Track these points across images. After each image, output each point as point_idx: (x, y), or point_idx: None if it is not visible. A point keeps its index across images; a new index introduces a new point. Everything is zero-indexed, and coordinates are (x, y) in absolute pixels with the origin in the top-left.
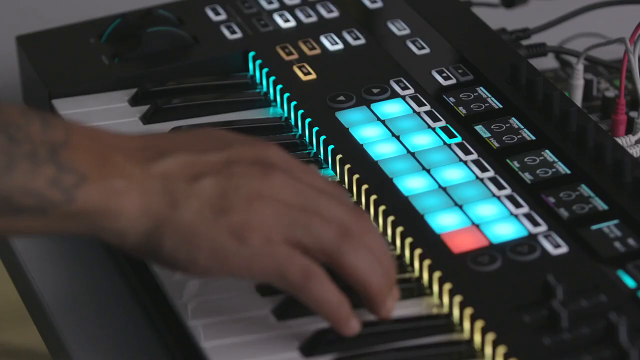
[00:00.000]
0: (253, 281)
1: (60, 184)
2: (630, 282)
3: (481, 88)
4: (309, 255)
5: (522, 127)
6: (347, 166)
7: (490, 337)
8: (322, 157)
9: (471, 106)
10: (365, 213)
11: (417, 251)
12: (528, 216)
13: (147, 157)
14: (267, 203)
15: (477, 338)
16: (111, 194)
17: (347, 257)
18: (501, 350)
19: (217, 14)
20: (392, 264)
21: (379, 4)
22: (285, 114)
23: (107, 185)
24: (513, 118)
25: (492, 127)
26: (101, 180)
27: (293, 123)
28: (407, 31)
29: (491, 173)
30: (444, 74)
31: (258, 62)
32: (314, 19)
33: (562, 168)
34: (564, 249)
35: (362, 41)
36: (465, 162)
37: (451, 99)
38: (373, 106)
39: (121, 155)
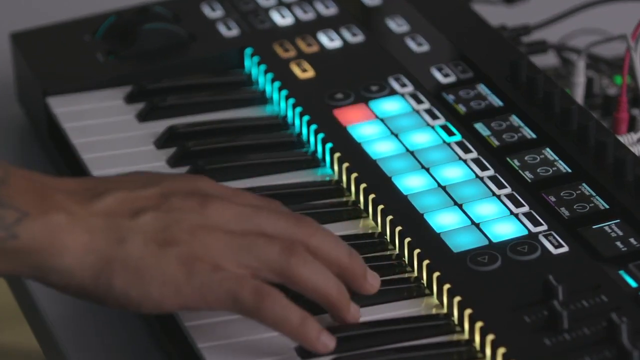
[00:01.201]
0: (211, 311)
1: (1, 221)
2: (631, 282)
3: (481, 86)
4: (260, 277)
5: (522, 125)
6: (346, 165)
7: (490, 337)
8: (320, 156)
9: (471, 104)
10: (307, 217)
11: (416, 251)
12: (528, 215)
13: (87, 197)
14: (210, 232)
15: (477, 339)
16: (54, 230)
17: (296, 271)
18: (501, 351)
19: (214, 10)
20: (347, 253)
21: (377, 1)
22: (283, 112)
23: (50, 221)
24: (513, 116)
25: (492, 125)
26: (43, 215)
27: (290, 121)
28: (406, 28)
29: (491, 172)
30: (444, 72)
31: (255, 59)
32: (311, 15)
33: (563, 167)
34: (564, 249)
35: (360, 38)
36: (465, 161)
37: (450, 96)
38: (371, 104)
39: (61, 194)
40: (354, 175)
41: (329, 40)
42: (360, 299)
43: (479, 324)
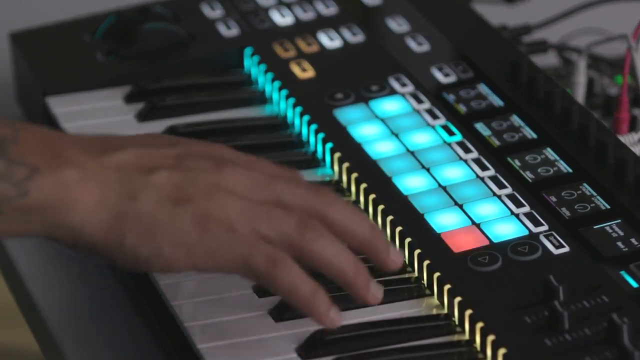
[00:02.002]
0: (221, 272)
1: (11, 178)
2: (632, 282)
3: (481, 85)
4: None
5: (523, 125)
6: (346, 165)
7: (491, 338)
8: (320, 156)
9: (471, 104)
10: (326, 188)
11: (417, 251)
12: (529, 215)
13: (100, 150)
14: (226, 195)
15: (478, 339)
16: (65, 185)
17: (311, 246)
18: (502, 351)
19: (214, 10)
20: (369, 227)
21: (377, 1)
22: (283, 112)
23: (61, 176)
24: (514, 116)
25: (492, 125)
26: (54, 171)
27: (290, 121)
28: (406, 28)
29: (492, 172)
30: (444, 71)
31: (255, 59)
32: (311, 15)
33: (564, 167)
34: (565, 249)
35: (360, 38)
36: (465, 161)
37: (451, 96)
38: (371, 103)
39: (73, 148)
40: (354, 175)
41: (329, 40)
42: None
43: (479, 325)
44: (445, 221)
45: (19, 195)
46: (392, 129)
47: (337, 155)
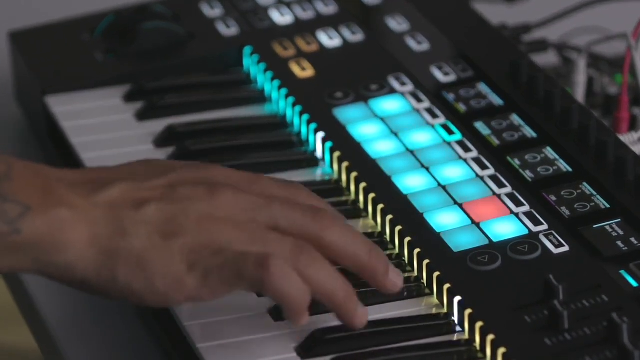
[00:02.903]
0: (219, 298)
1: (4, 216)
2: (632, 282)
3: (481, 84)
4: None
5: (523, 124)
6: (345, 164)
7: (490, 337)
8: (319, 155)
9: (471, 103)
10: (324, 210)
11: (416, 250)
12: (529, 215)
13: (90, 189)
14: (217, 223)
15: (477, 338)
16: (57, 224)
17: (305, 270)
18: (501, 351)
19: (213, 9)
20: (367, 250)
21: (377, 0)
22: (282, 111)
23: (53, 216)
24: (514, 115)
25: (492, 124)
26: (46, 210)
27: (290, 120)
28: (406, 27)
29: (491, 171)
30: (444, 70)
31: (254, 58)
32: (311, 14)
33: (564, 166)
34: (565, 248)
35: (360, 37)
36: (465, 160)
37: (451, 95)
38: (371, 103)
39: (64, 187)
40: (353, 174)
41: (329, 39)
42: (360, 298)
43: (479, 324)
44: (444, 220)
45: (11, 232)
46: (392, 128)
47: (336, 154)
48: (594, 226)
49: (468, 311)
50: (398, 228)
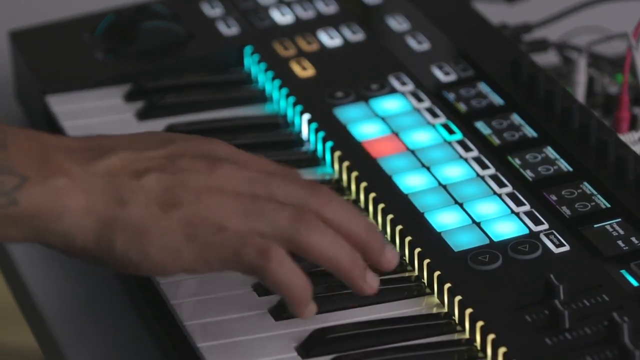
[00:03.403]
0: (214, 272)
1: (1, 187)
2: (633, 281)
3: (482, 84)
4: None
5: (523, 123)
6: (346, 163)
7: (491, 337)
8: (320, 154)
9: (471, 102)
10: (323, 186)
11: (417, 250)
12: (529, 214)
13: (89, 157)
14: (216, 194)
15: (478, 338)
16: (54, 194)
17: (306, 238)
18: (502, 350)
19: (213, 9)
20: (364, 227)
21: None
22: (283, 111)
23: (50, 185)
24: (514, 114)
25: (493, 123)
26: (43, 180)
27: (290, 120)
28: (406, 26)
29: (492, 170)
30: (444, 70)
31: (255, 57)
32: (311, 14)
33: (564, 165)
34: (566, 248)
35: (360, 36)
36: (465, 160)
37: (451, 95)
38: (372, 102)
39: (62, 155)
40: (354, 174)
41: (329, 39)
42: (361, 298)
43: (479, 324)
44: (445, 220)
45: (8, 204)
46: (393, 128)
47: (337, 154)
48: (595, 226)
49: (469, 310)
50: (399, 227)
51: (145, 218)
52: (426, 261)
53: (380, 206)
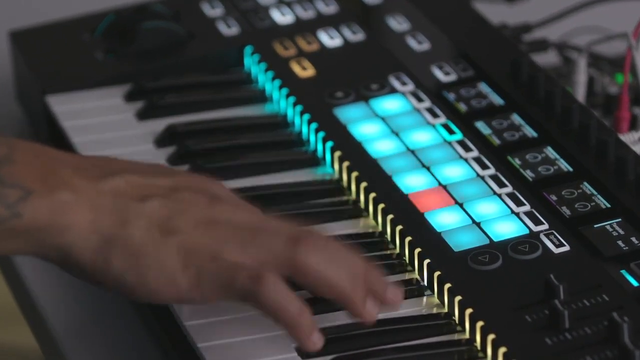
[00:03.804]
0: (207, 303)
1: (3, 200)
2: (633, 281)
3: (482, 84)
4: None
5: (523, 123)
6: (346, 163)
7: (491, 337)
8: (320, 154)
9: (472, 102)
10: (309, 232)
11: (417, 250)
12: (529, 214)
13: (96, 174)
14: (214, 226)
15: (478, 338)
16: (59, 208)
17: (304, 259)
18: (502, 350)
19: (214, 9)
20: (361, 265)
21: None
22: (283, 111)
23: (55, 199)
24: (514, 114)
25: (493, 123)
26: (48, 193)
27: (290, 120)
28: (406, 26)
29: (492, 171)
30: (444, 70)
31: (255, 57)
32: (312, 14)
33: (564, 165)
34: (566, 248)
35: (360, 37)
36: (465, 160)
37: (451, 95)
38: (372, 102)
39: (70, 170)
40: (354, 174)
41: (329, 39)
42: None
43: (479, 324)
44: (445, 220)
45: (11, 216)
46: (393, 128)
47: (337, 154)
48: (595, 226)
49: (469, 311)
50: (399, 228)
51: (145, 242)
52: (426, 261)
53: (381, 206)
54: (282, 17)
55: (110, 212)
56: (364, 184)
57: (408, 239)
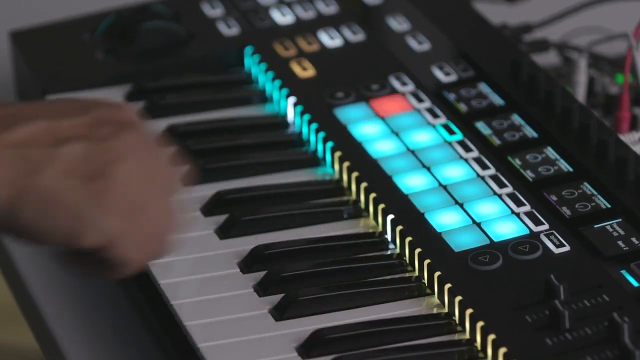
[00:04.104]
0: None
1: None
2: (633, 282)
3: (482, 84)
4: None
5: (523, 124)
6: (346, 164)
7: (491, 337)
8: (320, 155)
9: (472, 103)
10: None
11: (417, 250)
12: (530, 214)
13: (4, 125)
14: (130, 166)
15: (478, 338)
16: None
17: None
18: (502, 350)
19: (214, 9)
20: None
21: None
22: (283, 111)
23: None
24: (514, 115)
25: (493, 124)
26: None
27: (291, 120)
28: (406, 27)
29: (492, 171)
30: (445, 70)
31: (255, 58)
32: (312, 14)
33: (565, 166)
34: (566, 248)
35: (361, 37)
36: (466, 160)
37: (451, 95)
38: (372, 102)
39: None
40: (354, 174)
41: (330, 39)
42: (361, 298)
43: (480, 324)
44: (445, 220)
45: None
46: (393, 128)
47: (337, 154)
48: (595, 226)
49: (469, 311)
50: (399, 228)
51: (59, 188)
52: (426, 261)
53: (381, 206)
54: (282, 17)
55: (16, 164)
56: (364, 184)
57: (408, 239)
